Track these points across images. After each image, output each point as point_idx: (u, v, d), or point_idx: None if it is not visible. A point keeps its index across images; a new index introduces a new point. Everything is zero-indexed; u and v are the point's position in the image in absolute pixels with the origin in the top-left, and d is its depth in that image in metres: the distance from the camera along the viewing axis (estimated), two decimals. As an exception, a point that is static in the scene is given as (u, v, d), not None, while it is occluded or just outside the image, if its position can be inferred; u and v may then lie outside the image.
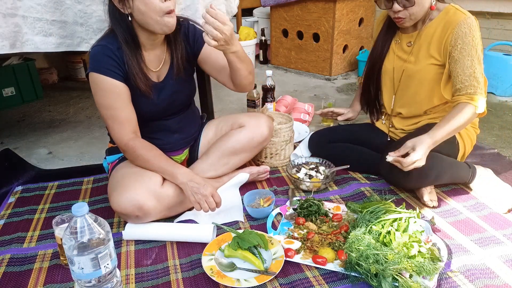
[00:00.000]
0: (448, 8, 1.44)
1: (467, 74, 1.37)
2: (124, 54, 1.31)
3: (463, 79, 1.38)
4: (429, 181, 1.43)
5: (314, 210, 1.38)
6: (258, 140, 1.60)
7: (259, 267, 1.16)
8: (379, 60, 1.62)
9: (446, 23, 1.42)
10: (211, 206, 1.30)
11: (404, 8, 1.40)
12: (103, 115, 1.36)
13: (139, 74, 1.33)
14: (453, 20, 1.40)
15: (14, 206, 1.57)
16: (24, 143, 2.20)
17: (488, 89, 2.70)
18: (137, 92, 1.35)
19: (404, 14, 1.42)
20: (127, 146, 1.34)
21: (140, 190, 1.28)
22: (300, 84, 3.19)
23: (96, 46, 1.32)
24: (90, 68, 1.31)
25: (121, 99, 1.33)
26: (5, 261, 1.25)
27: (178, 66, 1.43)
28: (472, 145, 1.58)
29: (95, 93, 1.33)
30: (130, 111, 1.35)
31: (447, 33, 1.41)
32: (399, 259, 1.07)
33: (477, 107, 1.36)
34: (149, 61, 1.38)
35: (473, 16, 1.39)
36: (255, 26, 4.00)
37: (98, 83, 1.30)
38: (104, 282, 0.96)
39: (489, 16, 2.85)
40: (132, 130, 1.35)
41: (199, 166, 1.54)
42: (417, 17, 1.44)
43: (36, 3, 1.62)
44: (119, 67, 1.31)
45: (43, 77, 3.23)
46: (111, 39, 1.32)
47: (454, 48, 1.39)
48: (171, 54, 1.43)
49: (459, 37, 1.37)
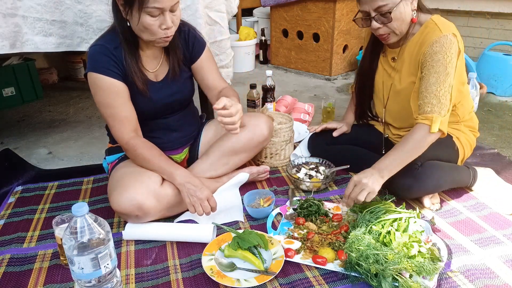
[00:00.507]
0: (428, 23, 1.37)
1: (429, 91, 1.31)
2: (122, 52, 1.32)
3: (423, 96, 1.32)
4: (430, 191, 1.42)
5: (314, 210, 1.38)
6: (258, 140, 1.60)
7: (259, 267, 1.16)
8: (368, 75, 1.60)
9: (423, 40, 1.36)
10: (205, 210, 1.30)
11: (383, 25, 1.35)
12: (103, 114, 1.36)
13: (137, 72, 1.34)
14: (428, 38, 1.34)
15: (14, 206, 1.57)
16: (24, 143, 2.20)
17: (488, 89, 2.72)
18: (135, 90, 1.36)
19: (385, 30, 1.36)
20: (128, 145, 1.34)
21: (140, 189, 1.28)
22: (300, 84, 3.19)
23: (94, 46, 1.33)
24: (89, 68, 1.32)
25: (121, 98, 1.33)
26: (5, 261, 1.25)
27: (175, 68, 1.44)
28: (471, 149, 1.56)
29: (94, 93, 1.34)
30: (130, 110, 1.36)
31: (421, 51, 1.36)
32: (399, 259, 1.07)
33: (431, 126, 1.28)
34: (146, 62, 1.40)
35: (451, 32, 1.31)
36: (255, 26, 4.00)
37: (97, 83, 1.31)
38: (104, 282, 0.96)
39: (489, 16, 2.85)
40: (133, 129, 1.36)
41: (199, 166, 1.54)
42: (401, 31, 1.37)
43: (36, 3, 1.62)
44: (117, 66, 1.32)
45: (43, 77, 3.22)
46: (109, 39, 1.33)
47: (424, 66, 1.34)
48: (168, 56, 1.44)
49: (429, 55, 1.32)
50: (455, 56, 1.31)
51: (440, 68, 1.30)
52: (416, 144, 1.30)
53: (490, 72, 2.73)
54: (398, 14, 1.32)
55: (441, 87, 1.30)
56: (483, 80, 2.72)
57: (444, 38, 1.30)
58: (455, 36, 1.31)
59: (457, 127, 1.50)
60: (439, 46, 1.30)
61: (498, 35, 2.87)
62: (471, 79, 2.26)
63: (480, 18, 2.89)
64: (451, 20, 1.41)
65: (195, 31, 1.51)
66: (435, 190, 1.44)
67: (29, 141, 2.23)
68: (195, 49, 1.48)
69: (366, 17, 1.37)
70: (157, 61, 1.43)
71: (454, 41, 1.30)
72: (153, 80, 1.42)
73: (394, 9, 1.30)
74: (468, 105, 1.52)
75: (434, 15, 1.39)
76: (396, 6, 1.30)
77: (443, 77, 1.30)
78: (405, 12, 1.33)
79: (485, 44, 2.89)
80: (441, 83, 1.30)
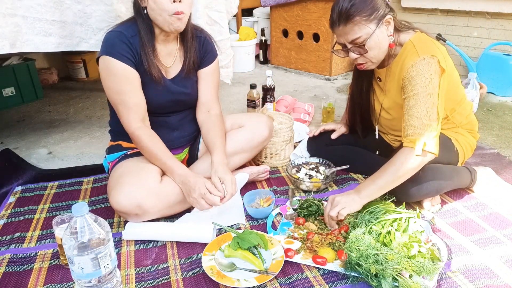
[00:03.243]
0: (406, 45, 1.34)
1: (410, 114, 1.28)
2: (139, 41, 1.34)
3: (406, 119, 1.29)
4: (431, 194, 1.42)
5: (314, 210, 1.38)
6: (258, 140, 1.60)
7: (259, 267, 1.16)
8: (359, 97, 1.59)
9: (402, 63, 1.34)
10: (202, 208, 1.30)
11: (361, 55, 1.33)
12: (112, 101, 1.37)
13: (153, 60, 1.36)
14: (406, 62, 1.31)
15: (14, 206, 1.57)
16: (24, 143, 2.20)
17: (488, 89, 2.72)
18: (147, 80, 1.37)
19: (363, 59, 1.35)
20: (133, 135, 1.36)
21: (139, 188, 1.29)
22: (300, 84, 3.19)
23: (112, 31, 1.35)
24: (103, 52, 1.32)
25: (132, 85, 1.34)
26: (5, 261, 1.25)
27: (189, 67, 1.46)
28: (472, 151, 1.56)
29: (105, 77, 1.34)
30: (140, 97, 1.37)
31: (401, 76, 1.34)
32: (399, 259, 1.07)
33: (415, 149, 1.24)
34: (161, 56, 1.41)
35: (430, 54, 1.27)
36: (255, 26, 4.00)
37: (110, 67, 1.32)
38: (104, 282, 0.96)
39: (489, 16, 2.85)
40: (140, 118, 1.37)
41: (199, 166, 1.55)
42: (379, 59, 1.35)
43: (36, 3, 1.62)
44: (132, 54, 1.33)
45: (43, 77, 3.23)
46: (128, 27, 1.35)
47: (404, 90, 1.32)
48: (184, 54, 1.46)
49: (407, 80, 1.29)
50: (436, 76, 1.26)
51: (419, 90, 1.26)
52: (400, 167, 1.25)
53: (490, 72, 2.73)
54: (373, 44, 1.30)
55: (422, 108, 1.25)
56: (483, 80, 2.72)
57: (421, 62, 1.27)
58: (433, 57, 1.27)
59: (456, 130, 1.49)
60: (415, 70, 1.27)
61: (498, 35, 2.87)
62: (471, 79, 2.26)
63: (480, 18, 2.89)
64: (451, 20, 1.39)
65: (212, 40, 1.54)
66: (436, 193, 1.43)
67: (29, 141, 2.23)
68: (206, 57, 1.51)
69: (344, 49, 1.36)
70: (171, 58, 1.45)
71: (432, 62, 1.26)
72: (165, 75, 1.43)
73: (368, 40, 1.29)
74: (465, 111, 1.49)
75: (415, 34, 1.35)
76: (370, 37, 1.29)
77: (423, 99, 1.25)
78: (381, 41, 1.31)
79: (485, 44, 2.89)
80: (421, 105, 1.25)
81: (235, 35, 3.53)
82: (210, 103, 1.55)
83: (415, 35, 1.35)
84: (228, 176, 1.35)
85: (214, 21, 2.23)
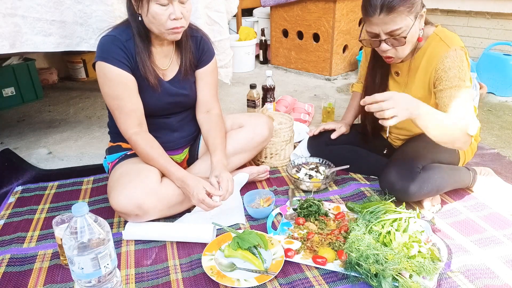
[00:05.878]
0: (432, 37, 1.35)
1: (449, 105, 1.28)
2: (135, 46, 1.33)
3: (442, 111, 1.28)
4: (431, 194, 1.41)
5: (314, 210, 1.38)
6: (258, 140, 1.60)
7: (259, 267, 1.16)
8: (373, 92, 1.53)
9: (429, 56, 1.34)
10: (205, 210, 1.31)
11: (393, 47, 1.31)
12: (109, 106, 1.37)
13: (149, 66, 1.35)
14: (435, 53, 1.32)
15: (14, 206, 1.57)
16: (24, 143, 2.20)
17: (488, 89, 2.71)
18: (144, 84, 1.37)
19: (393, 53, 1.33)
20: (130, 140, 1.36)
21: (139, 188, 1.29)
22: (300, 84, 3.19)
23: (106, 36, 1.33)
24: (98, 57, 1.31)
25: (128, 90, 1.33)
26: (5, 261, 1.25)
27: (186, 69, 1.45)
28: (473, 153, 1.56)
29: (102, 83, 1.33)
30: (137, 102, 1.36)
31: (430, 68, 1.34)
32: (399, 259, 1.07)
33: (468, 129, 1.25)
34: (157, 59, 1.40)
35: (459, 46, 1.30)
36: (255, 26, 4.00)
37: (106, 73, 1.31)
38: (104, 282, 0.96)
39: (489, 16, 2.85)
40: (137, 123, 1.36)
41: (199, 166, 1.55)
42: (407, 52, 1.34)
43: (36, 3, 1.62)
44: (128, 58, 1.32)
45: (43, 77, 3.22)
46: (122, 31, 1.34)
47: (439, 81, 1.32)
48: (180, 56, 1.45)
49: (443, 71, 1.30)
50: (467, 69, 1.30)
51: (458, 82, 1.28)
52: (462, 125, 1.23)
53: (490, 72, 2.73)
54: (410, 37, 1.28)
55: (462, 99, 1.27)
56: (483, 80, 2.72)
57: (453, 53, 1.29)
58: (463, 49, 1.30)
59: None
60: (450, 61, 1.29)
61: (498, 35, 2.87)
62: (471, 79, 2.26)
63: (480, 18, 2.89)
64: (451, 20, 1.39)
65: (208, 39, 1.52)
66: (436, 193, 1.43)
67: (29, 141, 2.23)
68: (203, 57, 1.50)
69: (375, 39, 1.32)
70: (167, 60, 1.43)
71: (462, 54, 1.29)
72: (162, 78, 1.43)
73: (407, 32, 1.26)
74: None
75: (436, 28, 1.37)
76: (410, 29, 1.26)
77: (461, 92, 1.27)
78: (415, 34, 1.31)
79: (485, 44, 2.89)
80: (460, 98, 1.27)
81: (235, 35, 3.53)
82: (209, 103, 1.54)
83: (437, 28, 1.37)
84: (225, 174, 1.35)
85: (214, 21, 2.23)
